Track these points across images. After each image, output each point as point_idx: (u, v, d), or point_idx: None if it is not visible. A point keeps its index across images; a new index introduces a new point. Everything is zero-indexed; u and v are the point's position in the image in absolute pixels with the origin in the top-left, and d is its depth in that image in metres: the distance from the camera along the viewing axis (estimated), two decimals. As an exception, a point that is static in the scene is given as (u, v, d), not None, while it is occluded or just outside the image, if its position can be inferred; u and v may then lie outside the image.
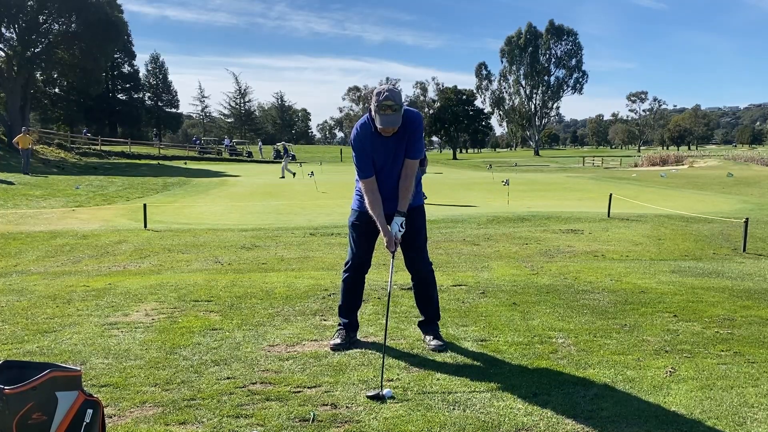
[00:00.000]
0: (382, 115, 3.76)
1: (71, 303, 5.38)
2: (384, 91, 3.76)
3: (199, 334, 4.38)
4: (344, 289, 4.29)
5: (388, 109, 3.74)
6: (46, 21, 39.65)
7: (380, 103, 3.74)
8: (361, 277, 4.30)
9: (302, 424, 2.98)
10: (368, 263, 4.28)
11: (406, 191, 4.01)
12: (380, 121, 3.78)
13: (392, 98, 3.74)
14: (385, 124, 3.77)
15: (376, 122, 3.82)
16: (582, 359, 3.89)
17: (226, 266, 7.74)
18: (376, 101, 3.76)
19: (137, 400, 3.25)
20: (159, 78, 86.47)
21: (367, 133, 3.95)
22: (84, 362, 3.81)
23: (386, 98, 3.73)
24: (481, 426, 2.95)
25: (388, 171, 4.02)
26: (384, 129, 3.82)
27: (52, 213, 15.05)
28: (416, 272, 4.25)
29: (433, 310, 4.29)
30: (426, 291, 4.29)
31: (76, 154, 38.65)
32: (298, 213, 14.77)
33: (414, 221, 4.11)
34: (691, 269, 7.33)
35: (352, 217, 4.25)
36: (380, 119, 3.77)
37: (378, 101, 3.75)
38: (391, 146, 3.95)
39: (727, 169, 37.80)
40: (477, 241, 9.83)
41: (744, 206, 16.36)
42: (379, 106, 3.75)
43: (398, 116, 3.79)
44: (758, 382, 3.50)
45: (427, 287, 4.28)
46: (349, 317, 4.26)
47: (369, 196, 3.97)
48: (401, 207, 4.01)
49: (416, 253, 4.20)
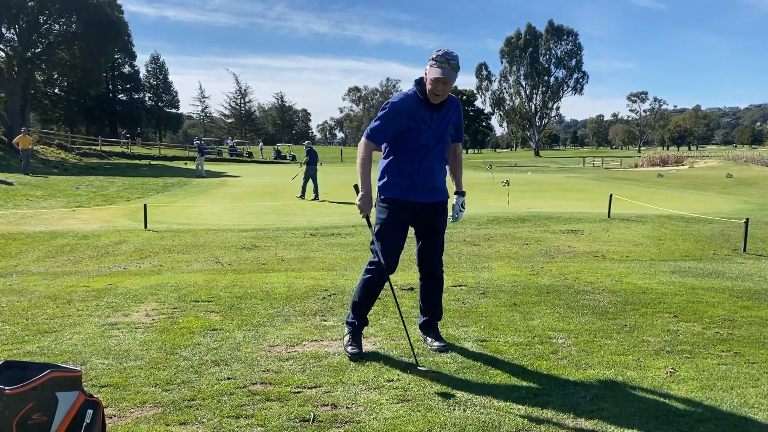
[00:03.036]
0: (441, 67, 3.62)
1: (71, 303, 5.38)
2: (444, 50, 3.69)
3: (200, 335, 4.38)
4: (365, 291, 3.98)
5: (447, 63, 3.63)
6: (46, 21, 39.71)
7: (440, 56, 3.64)
8: (384, 279, 3.92)
9: (302, 424, 2.98)
10: (395, 265, 3.93)
11: (460, 172, 4.12)
12: (437, 72, 3.62)
13: (452, 56, 3.66)
14: (446, 75, 3.61)
15: (431, 74, 3.65)
16: (582, 359, 3.89)
17: (227, 266, 7.74)
18: (438, 54, 3.66)
19: (137, 400, 3.24)
20: (159, 78, 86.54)
21: (414, 100, 3.77)
22: (84, 362, 3.81)
23: (447, 53, 3.66)
24: (482, 426, 2.94)
25: (433, 153, 3.84)
26: (437, 82, 3.64)
27: (53, 213, 15.06)
28: (430, 271, 4.08)
29: (439, 311, 4.22)
30: (436, 291, 4.15)
31: (76, 155, 38.69)
32: (298, 213, 14.77)
33: (440, 212, 3.97)
34: (691, 269, 7.33)
35: (381, 214, 3.90)
36: (441, 71, 3.61)
37: (441, 53, 3.65)
38: (437, 124, 3.80)
39: (727, 169, 37.81)
40: (477, 242, 9.83)
41: (744, 206, 16.37)
42: (438, 59, 3.64)
43: (454, 75, 3.68)
44: (758, 383, 3.50)
45: (437, 289, 4.15)
46: (362, 319, 4.05)
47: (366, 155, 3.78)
48: (459, 187, 4.07)
49: (434, 245, 4.03)
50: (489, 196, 20.21)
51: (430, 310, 4.18)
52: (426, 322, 4.21)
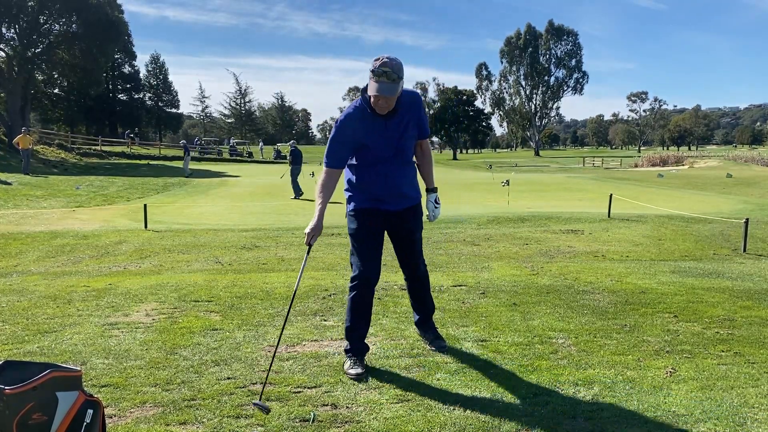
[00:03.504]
0: (378, 82, 3.35)
1: (72, 303, 5.38)
2: (383, 58, 3.39)
3: (200, 335, 4.38)
4: (352, 309, 3.77)
5: (384, 77, 3.35)
6: (46, 21, 39.72)
7: (376, 69, 3.35)
8: (370, 292, 3.78)
9: (302, 424, 2.98)
10: (377, 274, 3.78)
11: (430, 168, 3.93)
12: (375, 89, 3.35)
13: (389, 66, 3.35)
14: (380, 91, 3.34)
15: (369, 90, 3.40)
16: (582, 359, 3.89)
17: (227, 266, 7.74)
18: (373, 66, 3.38)
19: (137, 400, 3.25)
20: (159, 78, 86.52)
21: (361, 114, 3.53)
22: (84, 362, 3.81)
23: (384, 64, 3.35)
24: (482, 426, 2.95)
25: (395, 162, 3.66)
26: (377, 99, 3.41)
27: (53, 213, 15.06)
28: (411, 271, 4.06)
29: (428, 307, 4.21)
30: (422, 290, 4.15)
31: (76, 155, 38.68)
32: (298, 213, 14.78)
33: (410, 219, 3.87)
34: (691, 269, 7.33)
35: (353, 224, 3.80)
36: (376, 87, 3.35)
37: (378, 64, 3.37)
38: (392, 132, 3.58)
39: (727, 169, 37.81)
40: (477, 242, 9.83)
41: (744, 206, 16.37)
42: (375, 72, 3.36)
43: (394, 87, 3.38)
44: (758, 383, 3.50)
45: (422, 286, 4.15)
46: (359, 342, 3.76)
47: (326, 180, 3.60)
48: (430, 184, 3.93)
49: (412, 250, 3.95)
50: (489, 196, 20.21)
51: (420, 305, 4.20)
52: (420, 320, 4.23)
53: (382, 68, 3.35)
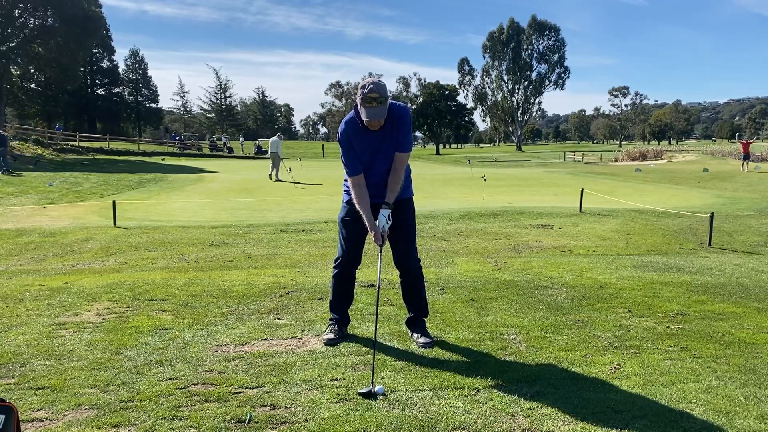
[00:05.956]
0: (367, 108, 3.71)
1: (22, 303, 5.28)
2: (369, 84, 3.73)
3: (148, 334, 4.32)
4: (334, 286, 4.28)
5: (373, 102, 3.69)
6: (21, 15, 39.11)
7: (365, 96, 3.69)
8: (351, 274, 4.28)
9: (237, 425, 2.94)
10: (358, 260, 4.24)
11: (395, 184, 3.97)
12: (366, 114, 3.73)
13: (377, 90, 3.69)
14: (371, 116, 3.72)
15: (362, 115, 3.77)
16: (530, 356, 3.89)
17: (191, 264, 7.65)
18: (361, 94, 3.72)
19: (73, 402, 3.18)
20: (138, 73, 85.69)
21: (354, 129, 3.89)
22: (24, 364, 3.73)
23: (371, 90, 3.68)
24: (418, 425, 2.93)
25: (376, 167, 3.96)
26: (370, 122, 3.76)
27: (22, 210, 14.83)
28: (405, 268, 4.19)
29: (421, 306, 4.27)
30: (415, 287, 4.25)
31: (53, 151, 38.13)
32: (272, 209, 14.67)
33: (403, 214, 4.07)
34: (653, 264, 7.38)
35: (342, 213, 4.18)
36: (366, 112, 3.72)
37: (363, 94, 3.71)
38: (378, 141, 3.89)
39: (704, 163, 38.20)
40: (447, 237, 9.82)
41: (717, 200, 16.51)
42: (364, 99, 3.70)
43: (383, 109, 3.74)
44: (699, 378, 3.52)
45: (416, 283, 4.24)
46: (340, 313, 4.29)
47: (356, 190, 3.94)
48: (388, 199, 3.96)
49: (405, 247, 4.14)
50: (466, 191, 20.22)
51: (411, 306, 4.28)
52: (411, 319, 4.29)
53: (370, 95, 3.69)
